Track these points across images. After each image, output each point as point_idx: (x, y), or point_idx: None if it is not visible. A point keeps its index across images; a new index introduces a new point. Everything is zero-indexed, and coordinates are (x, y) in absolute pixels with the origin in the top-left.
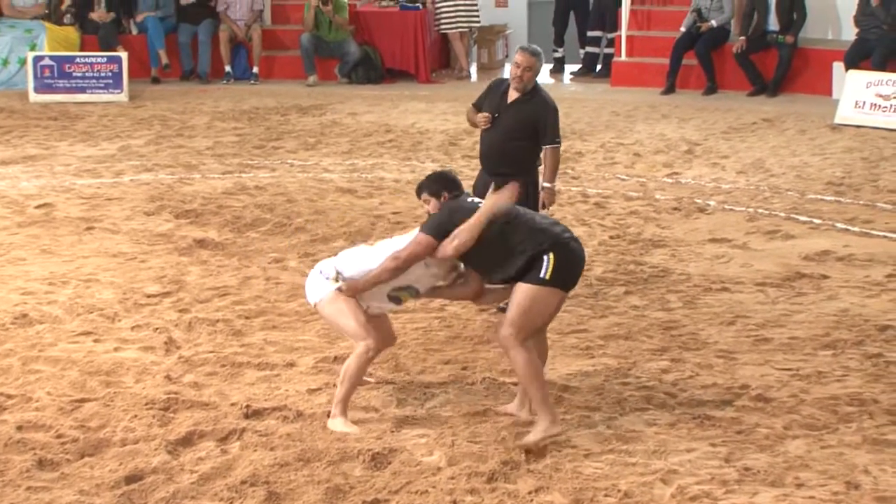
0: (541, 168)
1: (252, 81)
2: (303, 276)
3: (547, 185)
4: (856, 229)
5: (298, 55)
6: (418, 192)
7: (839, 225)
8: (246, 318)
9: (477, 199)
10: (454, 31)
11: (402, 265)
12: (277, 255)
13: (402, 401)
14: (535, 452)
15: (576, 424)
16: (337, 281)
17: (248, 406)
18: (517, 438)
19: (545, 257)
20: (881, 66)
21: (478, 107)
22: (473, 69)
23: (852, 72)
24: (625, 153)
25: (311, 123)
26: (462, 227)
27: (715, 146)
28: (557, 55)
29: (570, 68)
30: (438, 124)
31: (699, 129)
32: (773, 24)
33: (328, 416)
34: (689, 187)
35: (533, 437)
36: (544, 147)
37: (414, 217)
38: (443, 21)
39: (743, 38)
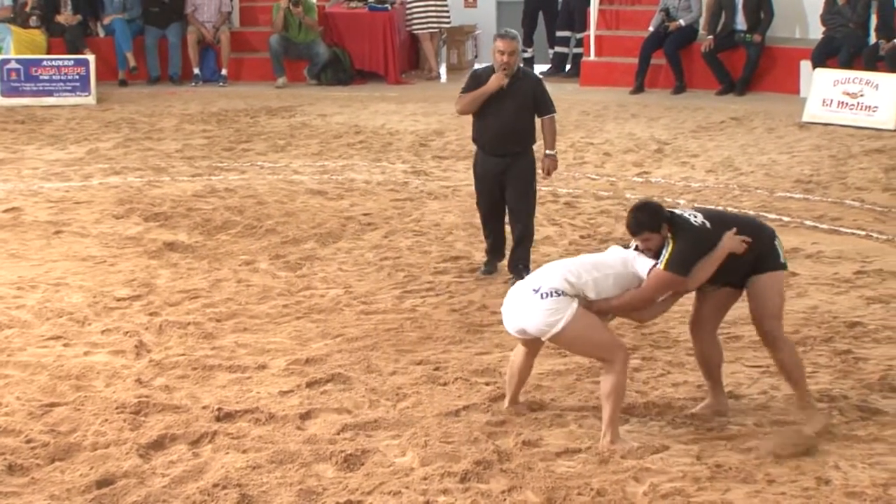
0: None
1: (221, 83)
2: (273, 278)
3: (550, 151)
4: (824, 227)
5: (267, 57)
6: (636, 232)
7: (808, 222)
8: (217, 320)
9: (697, 217)
10: (425, 31)
11: (648, 301)
12: (248, 258)
13: (374, 402)
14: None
15: (548, 423)
16: (573, 299)
17: (219, 409)
18: (489, 438)
19: (775, 244)
20: (848, 65)
21: (467, 92)
22: (443, 70)
23: (819, 70)
24: (595, 152)
25: (280, 125)
26: (704, 263)
27: (684, 145)
28: (526, 55)
29: (540, 68)
30: (408, 125)
31: (668, 128)
32: (741, 23)
33: (608, 441)
34: (659, 186)
35: (818, 424)
36: (543, 117)
37: (384, 218)
38: (414, 21)
39: (711, 37)
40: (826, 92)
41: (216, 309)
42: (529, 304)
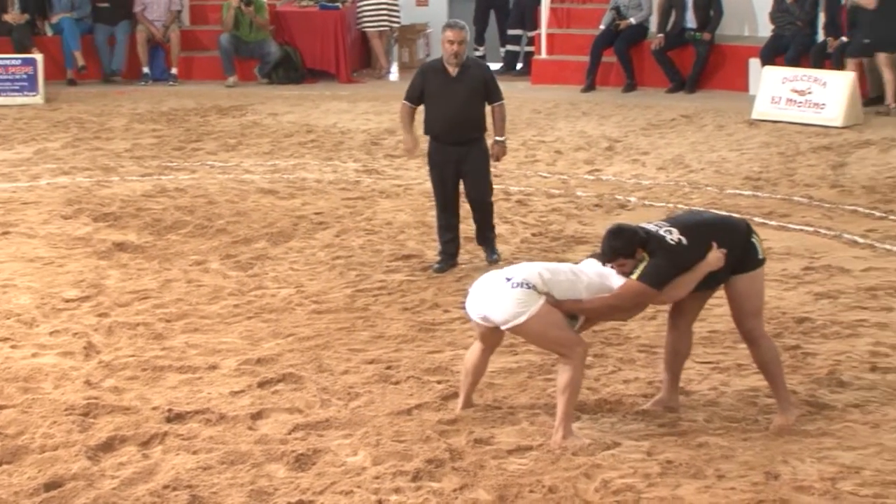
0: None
1: (170, 83)
2: (224, 278)
3: (499, 138)
4: (773, 223)
5: (217, 56)
6: (611, 258)
7: (757, 219)
8: (167, 321)
9: (672, 232)
10: (376, 30)
11: (617, 310)
12: (199, 258)
13: (326, 401)
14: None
15: (500, 421)
16: (541, 295)
17: (169, 410)
18: (441, 436)
19: (752, 240)
20: (796, 62)
21: (414, 99)
22: (395, 68)
23: (768, 68)
24: (546, 151)
25: (231, 124)
26: (681, 281)
27: (635, 143)
28: (478, 54)
29: (492, 66)
30: (360, 124)
31: (619, 125)
32: (691, 21)
33: (560, 437)
34: (610, 184)
35: (786, 420)
36: (493, 105)
37: (336, 217)
38: (364, 20)
39: (661, 35)
40: (775, 89)
41: (166, 309)
42: (499, 292)
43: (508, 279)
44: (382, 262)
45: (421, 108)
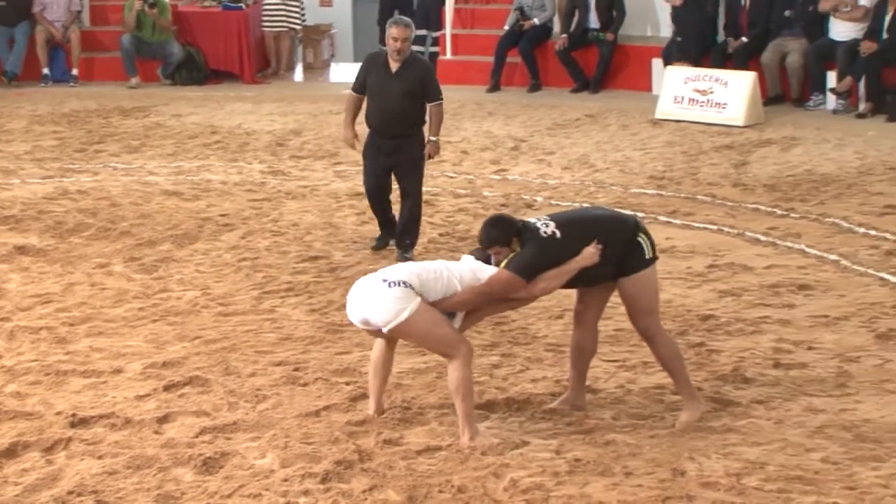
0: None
1: (71, 84)
2: (128, 281)
3: (433, 138)
4: (677, 222)
5: (119, 56)
6: (487, 246)
7: (661, 218)
8: (70, 325)
9: (549, 225)
10: (279, 30)
11: (485, 299)
12: (102, 261)
13: (233, 404)
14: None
15: (409, 422)
16: (417, 294)
17: (73, 414)
18: (350, 437)
19: (638, 240)
20: (697, 62)
21: (359, 89)
22: (299, 69)
23: (670, 68)
24: (452, 151)
25: (134, 126)
26: (552, 273)
27: (540, 143)
28: None
29: None
30: (265, 125)
31: (525, 125)
32: (594, 21)
33: (467, 438)
34: (517, 184)
35: (691, 416)
36: (430, 104)
37: (242, 219)
38: (268, 20)
39: (564, 35)
40: (677, 89)
41: (69, 313)
42: (376, 293)
43: (384, 280)
44: (289, 263)
45: None
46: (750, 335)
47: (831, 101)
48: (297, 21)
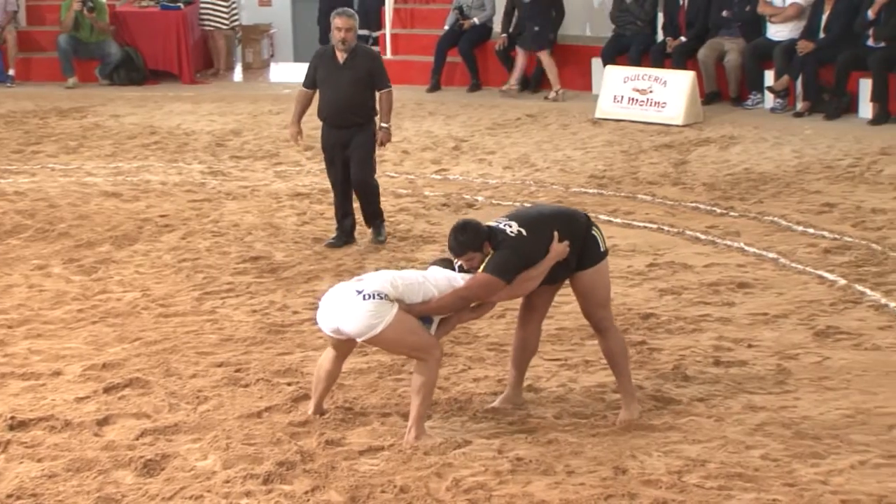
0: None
1: (8, 84)
2: (67, 283)
3: (384, 125)
4: (618, 221)
5: (56, 57)
6: (460, 253)
7: (602, 217)
8: (8, 327)
9: (512, 226)
10: (209, 29)
11: (465, 303)
12: (40, 262)
13: (174, 406)
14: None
15: (351, 422)
16: (394, 303)
17: (12, 417)
18: (292, 438)
19: (592, 233)
20: (637, 62)
21: (309, 84)
22: (238, 69)
23: (610, 67)
24: (393, 150)
25: (71, 126)
26: (529, 273)
27: (481, 142)
28: None
29: None
30: (204, 125)
31: (465, 125)
32: None
33: (413, 437)
34: (458, 183)
35: (630, 415)
36: (380, 91)
37: (182, 219)
38: (205, 19)
39: (504, 35)
40: (617, 89)
41: (7, 315)
42: (351, 305)
43: (359, 292)
44: (230, 264)
45: None
46: (690, 333)
47: (769, 100)
48: (225, 21)
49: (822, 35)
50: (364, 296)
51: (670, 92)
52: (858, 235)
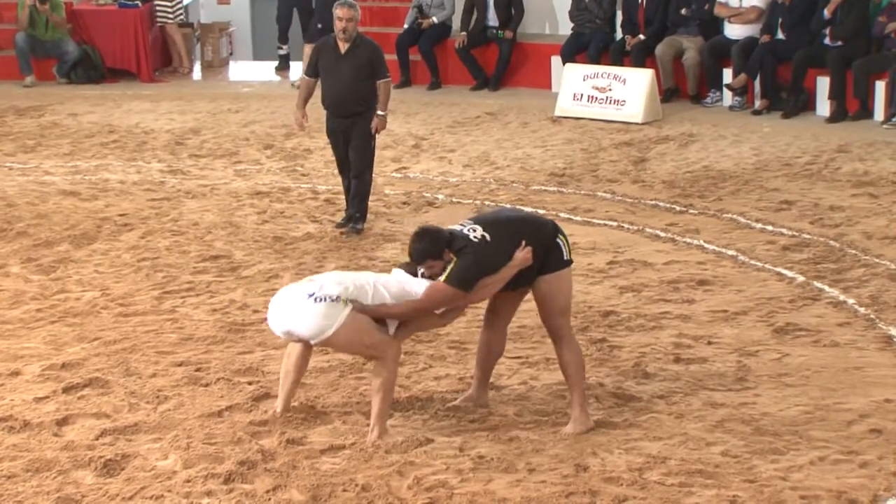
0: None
1: None
2: (26, 282)
3: (381, 112)
4: (578, 218)
5: (13, 55)
6: (419, 260)
7: (563, 214)
8: None
9: (476, 230)
10: (169, 24)
11: (423, 313)
12: None
13: (134, 405)
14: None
15: (312, 421)
16: (346, 304)
17: None
18: (253, 438)
19: (557, 241)
20: (596, 60)
21: (311, 73)
22: (197, 67)
23: (569, 65)
24: None
25: (29, 125)
26: (489, 281)
27: (441, 140)
28: (282, 52)
29: (297, 65)
30: (164, 123)
31: (425, 123)
32: (493, 19)
33: (375, 436)
34: (418, 181)
35: (579, 427)
36: (379, 81)
37: (141, 218)
38: (158, 14)
39: (464, 33)
40: (576, 87)
41: None
42: (302, 308)
43: (311, 294)
44: (190, 263)
45: None
46: (650, 331)
47: (728, 97)
48: (169, 17)
49: (780, 33)
50: (315, 298)
51: (630, 90)
52: (817, 232)
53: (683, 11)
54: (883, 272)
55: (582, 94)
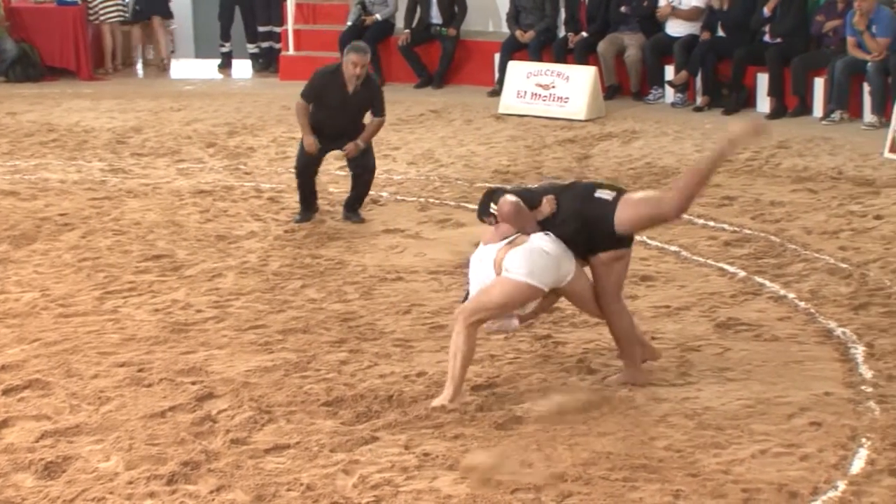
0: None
1: None
2: None
3: (361, 143)
4: None
5: None
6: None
7: None
8: None
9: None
10: (106, 22)
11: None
12: None
13: (75, 407)
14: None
15: (256, 421)
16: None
17: None
18: (196, 438)
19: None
20: (537, 57)
21: (310, 99)
22: (139, 65)
23: (513, 63)
24: (295, 147)
25: None
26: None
27: (385, 138)
28: (224, 50)
29: (241, 63)
30: (104, 122)
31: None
32: (436, 17)
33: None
34: None
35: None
36: (375, 118)
37: (82, 218)
38: (99, 11)
39: (407, 31)
40: (520, 84)
41: None
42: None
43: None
44: (132, 262)
45: None
46: (594, 326)
47: (670, 94)
48: (124, 13)
49: (720, 31)
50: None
51: (573, 87)
52: (758, 228)
53: (623, 9)
54: (822, 267)
55: (525, 92)
